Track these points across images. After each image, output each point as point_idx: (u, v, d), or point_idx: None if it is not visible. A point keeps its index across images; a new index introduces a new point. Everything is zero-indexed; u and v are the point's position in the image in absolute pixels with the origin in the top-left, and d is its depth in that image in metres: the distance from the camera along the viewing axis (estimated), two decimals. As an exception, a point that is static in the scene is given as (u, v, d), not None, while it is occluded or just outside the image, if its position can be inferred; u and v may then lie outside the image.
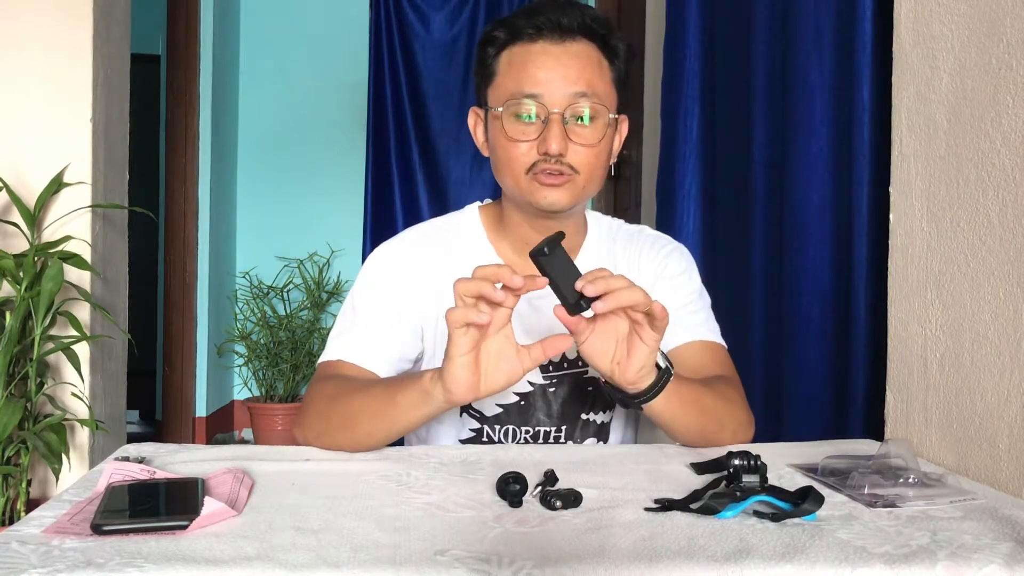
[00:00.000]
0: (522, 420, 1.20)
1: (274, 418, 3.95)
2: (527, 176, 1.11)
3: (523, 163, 1.11)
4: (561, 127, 1.09)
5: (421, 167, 4.15)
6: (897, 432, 1.21)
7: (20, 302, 1.77)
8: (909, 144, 1.21)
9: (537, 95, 1.09)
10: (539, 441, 1.21)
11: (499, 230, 1.23)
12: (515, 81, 1.11)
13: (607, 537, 0.74)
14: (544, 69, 1.09)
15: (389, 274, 1.20)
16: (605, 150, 1.14)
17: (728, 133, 2.23)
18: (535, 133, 1.10)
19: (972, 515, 0.82)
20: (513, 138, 1.11)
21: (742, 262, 2.00)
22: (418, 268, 1.20)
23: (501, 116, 1.11)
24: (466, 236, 1.24)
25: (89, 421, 1.88)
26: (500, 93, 1.13)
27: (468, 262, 1.22)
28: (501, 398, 1.19)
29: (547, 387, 1.20)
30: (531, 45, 1.11)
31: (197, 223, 3.91)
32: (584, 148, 1.11)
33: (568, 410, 1.21)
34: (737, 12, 2.13)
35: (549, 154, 1.09)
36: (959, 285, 1.09)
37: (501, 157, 1.14)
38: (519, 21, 1.12)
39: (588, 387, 1.22)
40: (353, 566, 0.66)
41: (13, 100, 1.97)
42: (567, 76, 1.09)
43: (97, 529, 0.72)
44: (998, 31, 1.03)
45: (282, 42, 4.36)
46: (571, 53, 1.10)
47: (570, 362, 1.21)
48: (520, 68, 1.11)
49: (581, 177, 1.12)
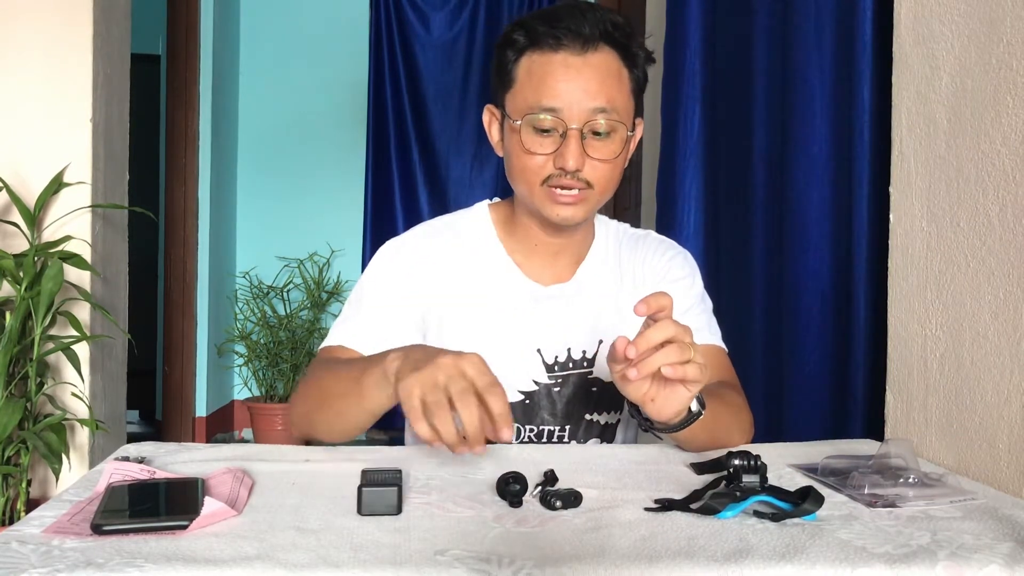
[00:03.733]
0: (526, 419, 1.20)
1: (274, 418, 3.95)
2: (542, 187, 1.12)
3: (539, 175, 1.11)
4: (579, 143, 1.09)
5: (421, 167, 4.15)
6: (897, 432, 1.21)
7: (20, 302, 1.77)
8: (909, 144, 1.21)
9: (556, 109, 1.08)
10: (543, 440, 1.21)
11: (509, 229, 1.24)
12: (535, 93, 1.10)
13: (607, 537, 0.74)
14: (564, 82, 1.08)
15: (396, 264, 1.21)
16: (621, 163, 1.14)
17: (728, 133, 2.23)
18: (552, 146, 1.10)
19: (972, 515, 0.82)
20: (530, 150, 1.11)
21: (742, 262, 2.00)
22: (426, 258, 1.21)
23: (519, 128, 1.11)
24: (476, 232, 1.24)
25: (89, 421, 1.88)
26: (518, 103, 1.12)
27: (477, 256, 1.23)
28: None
29: (552, 387, 1.21)
30: (552, 55, 1.09)
31: (197, 223, 3.91)
32: (601, 163, 1.11)
33: (572, 410, 1.22)
34: (737, 12, 2.13)
35: (566, 170, 1.09)
36: (959, 285, 1.09)
37: (516, 166, 1.14)
38: (540, 27, 1.10)
39: (593, 388, 1.22)
40: (353, 566, 0.66)
41: (13, 100, 1.97)
42: (587, 90, 1.08)
43: (97, 529, 0.72)
44: (998, 31, 1.02)
45: (282, 42, 4.36)
46: (592, 65, 1.09)
47: (575, 362, 1.21)
48: (540, 80, 1.09)
49: (596, 191, 1.12)
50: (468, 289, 1.21)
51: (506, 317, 1.20)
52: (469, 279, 1.21)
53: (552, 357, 1.21)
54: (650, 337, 0.89)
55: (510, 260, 1.22)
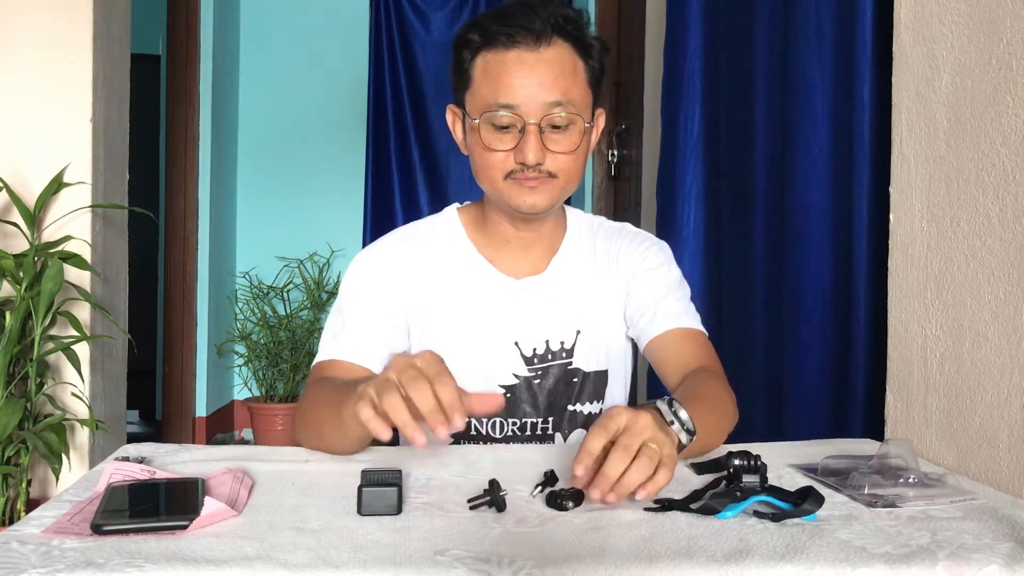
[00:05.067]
0: (508, 413, 1.22)
1: (274, 418, 3.95)
2: (506, 181, 1.13)
3: (501, 170, 1.13)
4: (538, 137, 1.10)
5: (421, 167, 4.15)
6: (897, 432, 1.21)
7: (20, 302, 1.77)
8: (909, 144, 1.21)
9: (513, 105, 1.10)
10: (526, 432, 1.22)
11: (479, 228, 1.25)
12: (491, 91, 1.11)
13: (607, 537, 0.74)
14: (520, 78, 1.10)
15: (371, 273, 1.23)
16: (582, 153, 1.15)
17: (728, 133, 2.23)
18: (512, 142, 1.11)
19: (972, 515, 0.82)
20: (491, 147, 1.12)
21: (742, 262, 2.00)
22: (399, 265, 1.23)
23: (478, 126, 1.13)
24: (446, 234, 1.26)
25: (89, 421, 1.87)
26: (476, 101, 1.14)
27: (449, 257, 1.24)
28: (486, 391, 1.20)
29: (532, 379, 1.22)
30: (505, 53, 1.11)
31: (197, 223, 3.90)
32: (561, 155, 1.12)
33: (554, 401, 1.23)
34: (737, 12, 2.13)
35: (527, 164, 1.11)
36: (959, 285, 1.09)
37: (479, 163, 1.16)
38: (492, 25, 1.12)
39: (574, 379, 1.23)
40: (353, 566, 0.66)
41: (13, 100, 1.97)
42: (542, 85, 1.10)
43: (97, 529, 0.72)
44: (998, 31, 1.02)
45: (282, 42, 4.36)
46: (545, 60, 1.11)
47: (554, 353, 1.22)
48: (495, 78, 1.11)
49: (560, 180, 1.14)
50: (443, 290, 1.22)
51: (482, 313, 1.22)
52: (443, 280, 1.23)
53: (530, 349, 1.22)
54: (590, 449, 0.82)
55: (481, 257, 1.24)
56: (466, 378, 1.18)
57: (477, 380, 1.19)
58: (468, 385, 1.19)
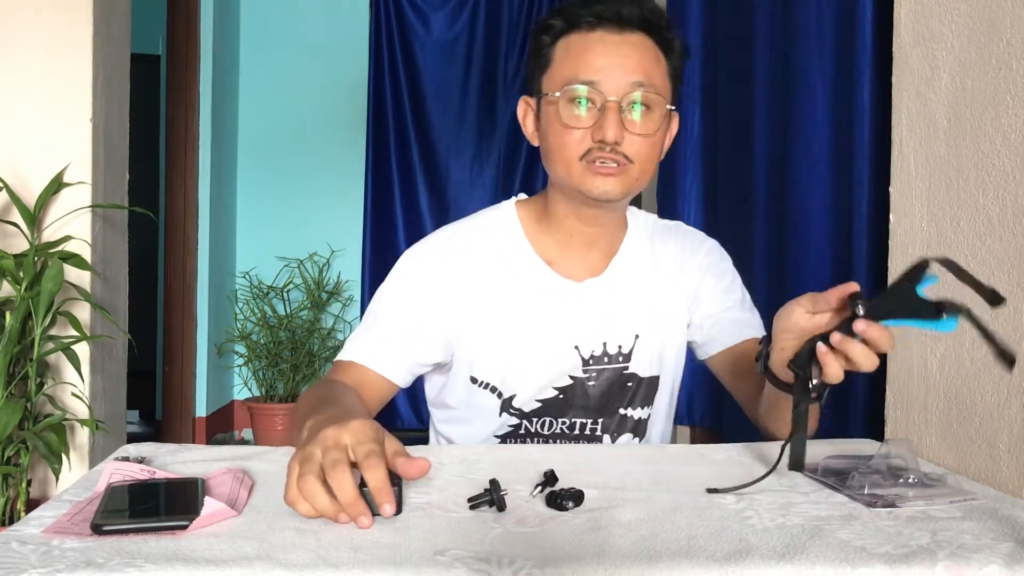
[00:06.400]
0: (559, 412, 1.20)
1: (274, 418, 3.95)
2: (580, 163, 1.10)
3: (577, 150, 1.09)
4: (618, 115, 1.07)
5: (421, 167, 4.15)
6: (897, 432, 1.21)
7: (20, 302, 1.77)
8: (909, 144, 1.21)
9: (594, 82, 1.08)
10: (575, 431, 1.21)
11: (542, 224, 1.21)
12: (572, 68, 1.09)
13: (607, 537, 0.74)
14: (602, 57, 1.08)
15: (416, 280, 1.19)
16: (659, 141, 1.13)
17: (729, 133, 2.23)
18: (590, 121, 1.09)
19: (972, 515, 0.82)
20: (568, 125, 1.09)
21: (743, 262, 1.99)
22: (447, 269, 1.18)
23: (557, 102, 1.10)
24: (502, 232, 1.22)
25: (89, 421, 1.88)
26: (555, 80, 1.11)
27: (505, 258, 1.20)
28: (540, 393, 1.19)
29: (586, 380, 1.20)
30: (589, 33, 1.10)
31: (197, 223, 3.91)
32: (639, 138, 1.09)
33: (606, 403, 1.21)
34: (737, 13, 2.13)
35: (605, 142, 1.07)
36: (959, 285, 1.09)
37: (554, 144, 1.12)
38: (578, 10, 1.11)
39: (628, 383, 1.22)
40: (353, 566, 0.66)
41: (13, 100, 1.97)
42: (625, 65, 1.08)
43: (97, 529, 0.72)
44: (998, 31, 1.03)
45: (282, 42, 4.36)
46: (629, 43, 1.09)
47: (611, 357, 1.21)
48: (577, 56, 1.10)
49: (635, 167, 1.10)
50: (499, 293, 1.18)
51: (542, 317, 1.18)
52: (498, 282, 1.19)
53: (588, 352, 1.19)
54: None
55: (539, 259, 1.20)
56: (525, 382, 1.19)
57: (536, 383, 1.19)
58: (526, 389, 1.19)
